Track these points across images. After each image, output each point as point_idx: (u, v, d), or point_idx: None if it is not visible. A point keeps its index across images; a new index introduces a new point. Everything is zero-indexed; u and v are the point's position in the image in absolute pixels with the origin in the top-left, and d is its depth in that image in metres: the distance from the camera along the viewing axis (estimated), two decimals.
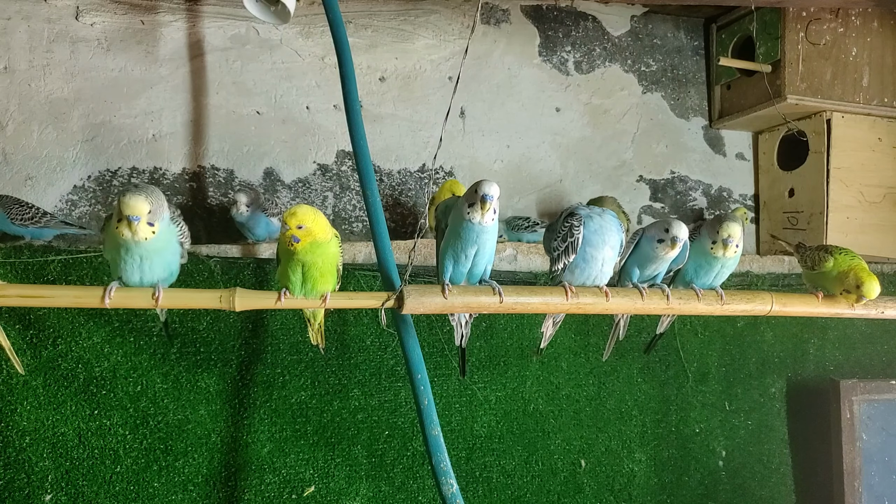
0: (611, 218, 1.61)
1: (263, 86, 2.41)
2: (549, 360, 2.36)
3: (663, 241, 1.63)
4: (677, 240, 1.61)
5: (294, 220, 1.40)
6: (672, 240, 1.61)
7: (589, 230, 1.58)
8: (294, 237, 1.40)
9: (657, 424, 2.47)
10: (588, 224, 1.58)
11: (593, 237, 1.58)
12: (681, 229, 1.61)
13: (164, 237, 1.41)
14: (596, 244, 1.58)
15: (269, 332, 2.10)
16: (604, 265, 1.60)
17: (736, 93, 2.85)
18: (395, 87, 2.56)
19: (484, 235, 1.50)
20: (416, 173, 2.56)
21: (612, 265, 1.63)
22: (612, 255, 1.61)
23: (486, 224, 1.47)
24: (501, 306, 1.52)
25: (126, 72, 2.28)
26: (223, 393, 2.04)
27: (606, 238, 1.58)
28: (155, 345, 1.99)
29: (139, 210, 1.32)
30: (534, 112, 2.71)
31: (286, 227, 1.40)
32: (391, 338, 2.19)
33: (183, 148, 2.32)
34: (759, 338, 2.63)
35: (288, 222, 1.39)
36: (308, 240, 1.41)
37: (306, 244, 1.42)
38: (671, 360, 2.51)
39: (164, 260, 1.44)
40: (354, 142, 1.80)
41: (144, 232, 1.35)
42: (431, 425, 1.57)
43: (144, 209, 1.33)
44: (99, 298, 1.39)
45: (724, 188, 2.96)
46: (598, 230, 1.58)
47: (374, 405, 2.17)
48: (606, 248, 1.59)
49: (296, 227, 1.40)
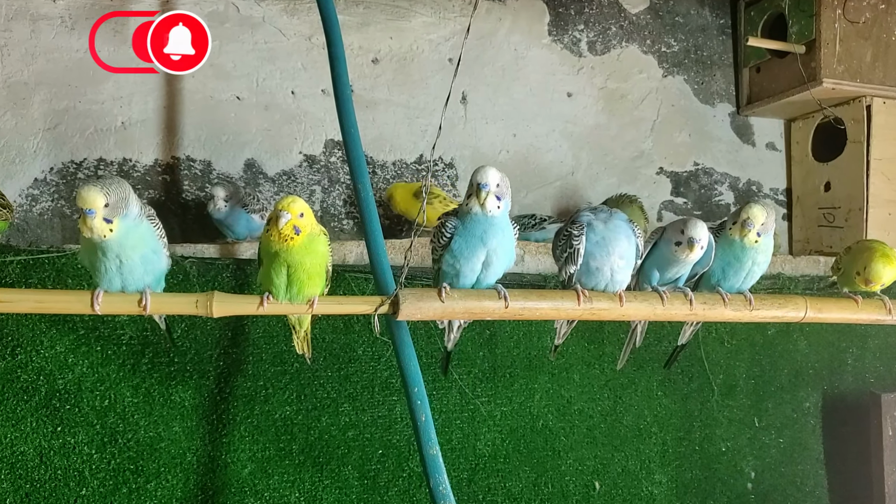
0: (619, 223, 1.59)
1: (244, 68, 2.41)
2: (559, 372, 2.36)
3: (680, 243, 1.61)
4: (694, 241, 1.58)
5: (296, 206, 1.38)
6: (689, 241, 1.59)
7: (591, 242, 1.56)
8: (296, 228, 1.39)
9: (679, 443, 2.47)
10: (590, 234, 1.56)
11: (596, 249, 1.56)
12: (697, 229, 1.58)
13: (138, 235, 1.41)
14: (599, 256, 1.56)
15: (250, 340, 2.10)
16: (613, 275, 1.59)
17: (766, 76, 2.85)
18: (389, 69, 2.56)
19: (492, 230, 1.48)
20: (413, 165, 2.56)
21: (625, 273, 1.61)
22: (623, 265, 1.59)
23: (492, 212, 1.45)
24: (507, 312, 1.52)
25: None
26: (199, 408, 2.04)
27: (613, 248, 1.56)
28: (124, 355, 1.99)
29: (92, 202, 1.31)
30: (543, 97, 2.71)
31: (286, 216, 1.38)
32: (385, 347, 2.19)
33: (155, 137, 2.32)
34: (791, 347, 2.63)
35: (289, 209, 1.38)
36: (306, 231, 1.41)
37: (304, 238, 1.41)
38: (695, 371, 2.51)
39: (147, 261, 1.44)
40: (345, 130, 1.80)
41: (101, 228, 1.34)
42: (429, 443, 1.57)
43: (99, 202, 1.31)
44: (87, 304, 1.39)
45: (754, 181, 2.96)
46: (601, 241, 1.55)
47: (366, 421, 2.17)
48: (613, 257, 1.57)
49: (297, 216, 1.39)
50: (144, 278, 1.45)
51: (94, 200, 1.32)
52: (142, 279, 1.44)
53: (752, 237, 1.65)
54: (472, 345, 2.28)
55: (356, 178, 1.74)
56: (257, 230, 2.19)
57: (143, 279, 1.44)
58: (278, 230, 1.39)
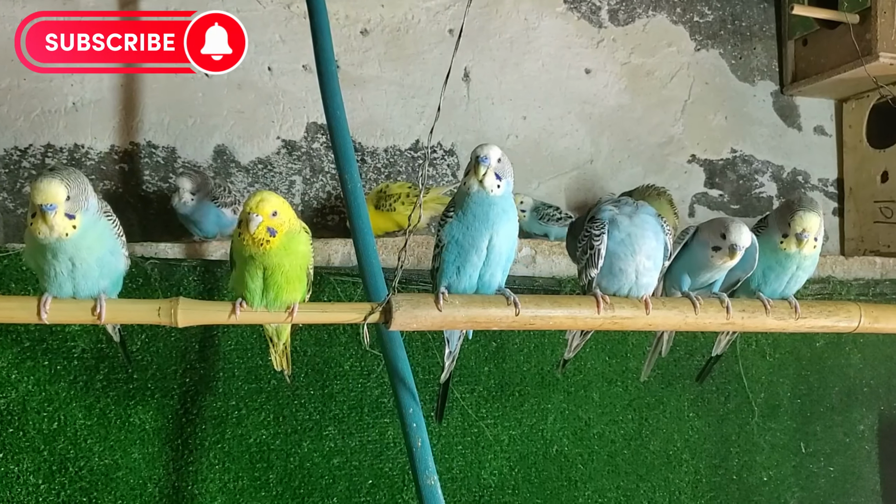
0: (647, 218, 1.59)
1: None
2: (576, 391, 2.36)
3: (719, 248, 1.62)
4: (737, 248, 1.59)
5: (267, 205, 1.38)
6: (731, 248, 1.60)
7: (614, 240, 1.57)
8: (270, 229, 1.39)
9: (714, 471, 2.47)
10: (613, 231, 1.57)
11: (619, 248, 1.57)
12: (741, 235, 1.59)
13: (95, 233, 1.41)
14: (623, 256, 1.57)
15: (220, 353, 2.10)
16: (639, 277, 1.60)
17: (814, 50, 2.85)
18: (380, 42, 2.56)
19: (494, 211, 1.48)
20: (408, 152, 2.56)
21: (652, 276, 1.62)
22: (649, 266, 1.59)
23: (493, 192, 1.47)
24: (517, 321, 1.52)
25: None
26: (162, 431, 2.04)
27: (639, 246, 1.57)
28: (76, 370, 1.98)
29: (54, 196, 1.30)
30: (557, 74, 2.71)
31: (256, 218, 1.38)
32: (376, 361, 2.19)
33: (111, 120, 2.32)
34: (843, 361, 2.62)
35: (258, 210, 1.38)
36: (284, 230, 1.41)
37: (283, 238, 1.41)
38: (732, 389, 2.51)
39: (103, 263, 1.44)
40: (329, 112, 1.79)
41: (63, 226, 1.34)
42: (426, 472, 1.57)
43: (61, 195, 1.31)
44: (33, 312, 1.39)
45: (800, 171, 2.96)
46: (625, 239, 1.57)
47: (353, 447, 2.17)
48: (639, 257, 1.58)
49: (269, 216, 1.39)
50: (99, 282, 1.44)
51: (55, 194, 1.30)
52: (96, 283, 1.44)
53: (810, 247, 1.66)
54: (477, 358, 2.28)
55: (342, 167, 1.74)
56: (229, 226, 2.19)
57: (97, 283, 1.44)
58: (250, 235, 1.39)
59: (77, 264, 1.40)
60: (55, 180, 1.31)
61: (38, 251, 1.40)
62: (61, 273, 1.41)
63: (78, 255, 1.39)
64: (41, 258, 1.41)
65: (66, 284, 1.43)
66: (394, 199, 2.28)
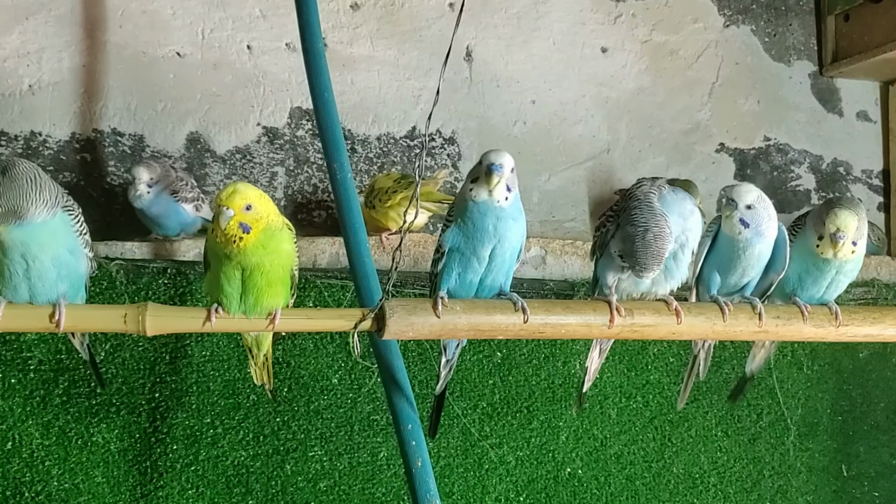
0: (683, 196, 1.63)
1: (186, 16, 2.42)
2: (590, 405, 2.36)
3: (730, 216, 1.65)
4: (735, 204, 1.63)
5: (238, 198, 1.38)
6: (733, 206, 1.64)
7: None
8: (243, 225, 1.39)
9: (745, 496, 2.47)
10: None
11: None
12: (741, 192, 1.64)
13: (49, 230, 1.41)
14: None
15: (194, 365, 2.10)
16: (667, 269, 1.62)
17: (857, 26, 2.85)
18: (372, 17, 2.56)
19: (502, 223, 1.50)
20: (404, 140, 2.56)
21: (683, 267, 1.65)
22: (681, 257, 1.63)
23: (500, 203, 1.49)
24: (525, 328, 1.52)
25: None
26: (129, 452, 2.04)
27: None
28: (32, 384, 1.99)
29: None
30: (570, 54, 2.71)
31: (227, 212, 1.38)
32: (367, 374, 2.20)
33: (72, 105, 2.32)
34: (889, 374, 2.63)
35: (229, 203, 1.38)
36: (260, 226, 1.41)
37: (259, 235, 1.41)
38: (765, 405, 2.51)
39: (62, 264, 1.44)
40: (316, 95, 1.80)
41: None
42: (428, 496, 1.57)
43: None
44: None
45: (841, 161, 2.96)
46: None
47: (342, 469, 2.17)
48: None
49: (242, 209, 1.38)
50: (58, 286, 1.45)
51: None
52: (54, 287, 1.44)
53: (847, 251, 1.66)
54: (480, 371, 2.28)
55: (331, 156, 1.74)
56: (189, 225, 2.19)
57: (55, 287, 1.45)
58: (222, 231, 1.39)
59: (31, 263, 1.41)
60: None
61: None
62: (15, 273, 1.41)
63: (29, 252, 1.40)
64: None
65: (20, 287, 1.43)
66: (375, 196, 2.25)
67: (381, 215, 2.22)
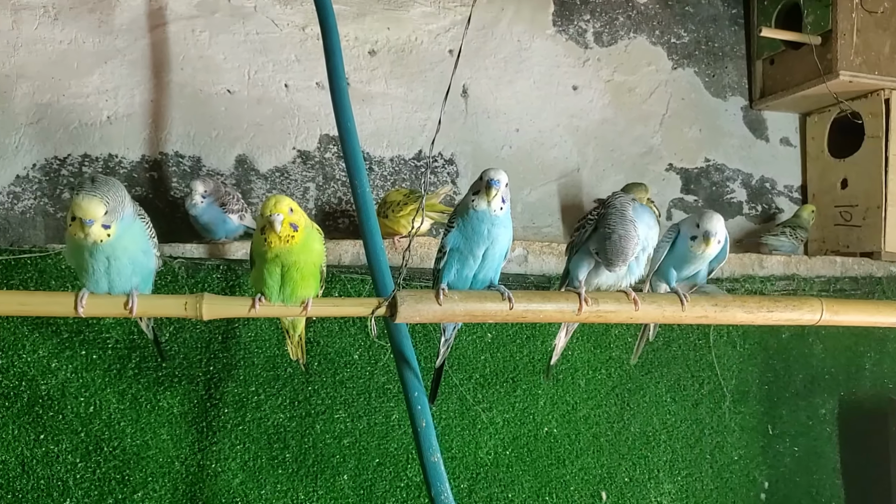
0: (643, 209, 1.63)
1: (235, 60, 2.42)
2: (564, 377, 2.36)
3: (695, 237, 1.64)
4: (710, 236, 1.62)
5: (283, 205, 1.39)
6: (704, 236, 1.62)
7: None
8: (293, 224, 1.40)
9: (689, 450, 2.47)
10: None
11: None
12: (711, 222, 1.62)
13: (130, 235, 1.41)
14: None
15: (241, 344, 2.10)
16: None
17: (780, 68, 2.85)
18: (386, 61, 2.56)
19: (495, 229, 1.52)
20: (412, 161, 2.56)
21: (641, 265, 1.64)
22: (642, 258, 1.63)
23: (496, 213, 1.50)
24: (510, 314, 1.52)
25: (77, 44, 2.28)
26: (188, 414, 2.04)
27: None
28: (110, 359, 1.99)
29: (93, 213, 1.32)
30: (547, 91, 2.71)
31: (278, 217, 1.38)
32: (382, 351, 2.20)
33: (142, 132, 2.32)
34: (807, 351, 2.63)
35: (277, 210, 1.38)
36: (303, 224, 1.42)
37: (304, 232, 1.42)
38: (705, 376, 2.51)
39: (136, 262, 1.44)
40: (341, 125, 1.79)
41: (98, 234, 1.35)
42: (430, 450, 1.57)
43: (99, 212, 1.32)
44: (70, 306, 1.39)
45: (767, 178, 2.96)
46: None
47: (362, 428, 2.17)
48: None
49: (288, 212, 1.40)
50: (132, 279, 1.45)
51: (95, 211, 1.32)
52: (129, 280, 1.44)
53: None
54: (473, 349, 2.28)
55: (353, 174, 1.74)
56: (233, 232, 2.19)
57: (130, 280, 1.45)
58: (277, 235, 1.40)
59: (112, 262, 1.41)
60: (94, 199, 1.33)
61: (76, 251, 1.41)
62: (98, 270, 1.41)
63: (113, 254, 1.40)
64: (79, 257, 1.41)
65: (101, 281, 1.43)
66: (387, 207, 2.25)
67: (393, 223, 2.22)
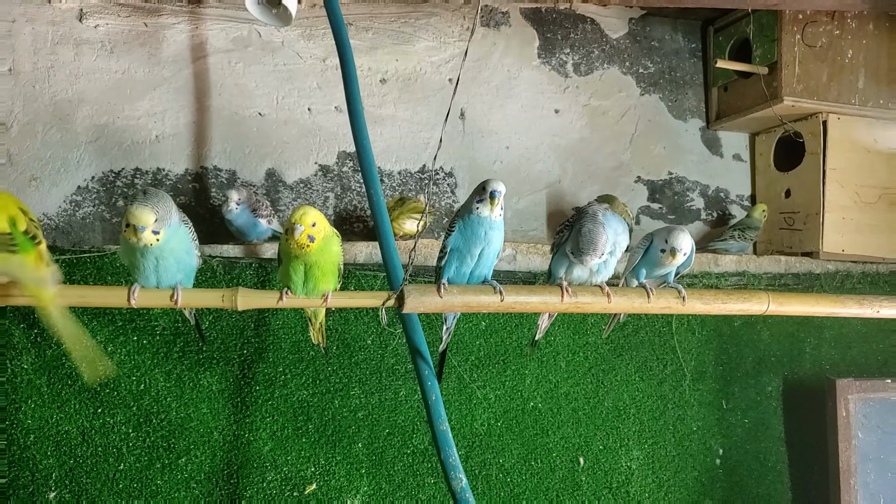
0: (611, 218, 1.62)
1: (265, 87, 2.42)
2: (547, 359, 2.36)
3: (665, 251, 1.64)
4: (677, 251, 1.62)
5: (307, 218, 1.41)
6: (672, 250, 1.62)
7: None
8: (310, 237, 1.41)
9: (654, 422, 2.47)
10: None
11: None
12: (678, 240, 1.62)
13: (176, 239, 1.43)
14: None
15: (270, 331, 2.10)
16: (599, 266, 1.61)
17: (733, 95, 2.85)
18: (395, 88, 2.56)
19: (491, 232, 1.53)
20: (417, 174, 2.56)
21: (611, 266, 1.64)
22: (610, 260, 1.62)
23: (495, 219, 1.50)
24: (502, 305, 1.52)
25: (129, 73, 2.28)
26: (225, 391, 2.04)
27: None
28: (157, 343, 1.99)
29: (145, 221, 1.35)
30: (533, 113, 2.71)
31: (299, 228, 1.39)
32: (392, 337, 2.19)
33: (185, 149, 2.32)
34: (755, 337, 2.63)
35: (301, 222, 1.40)
36: (320, 237, 1.43)
37: (319, 243, 1.43)
38: (669, 358, 2.51)
39: (180, 261, 1.46)
40: (358, 142, 1.80)
41: (149, 238, 1.37)
42: (440, 420, 1.58)
43: (150, 220, 1.35)
44: (124, 298, 1.41)
45: (722, 189, 2.96)
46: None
47: (374, 403, 2.17)
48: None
49: (310, 226, 1.41)
50: (177, 275, 1.46)
51: (146, 219, 1.35)
52: (174, 276, 1.45)
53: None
54: (470, 335, 2.28)
55: (369, 184, 1.75)
56: (263, 234, 2.19)
57: (175, 276, 1.46)
58: (295, 240, 1.41)
59: (160, 261, 1.42)
60: (146, 209, 1.36)
61: (130, 252, 1.42)
62: (148, 268, 1.43)
63: (161, 255, 1.42)
64: (132, 257, 1.42)
65: (151, 277, 1.44)
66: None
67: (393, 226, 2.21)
